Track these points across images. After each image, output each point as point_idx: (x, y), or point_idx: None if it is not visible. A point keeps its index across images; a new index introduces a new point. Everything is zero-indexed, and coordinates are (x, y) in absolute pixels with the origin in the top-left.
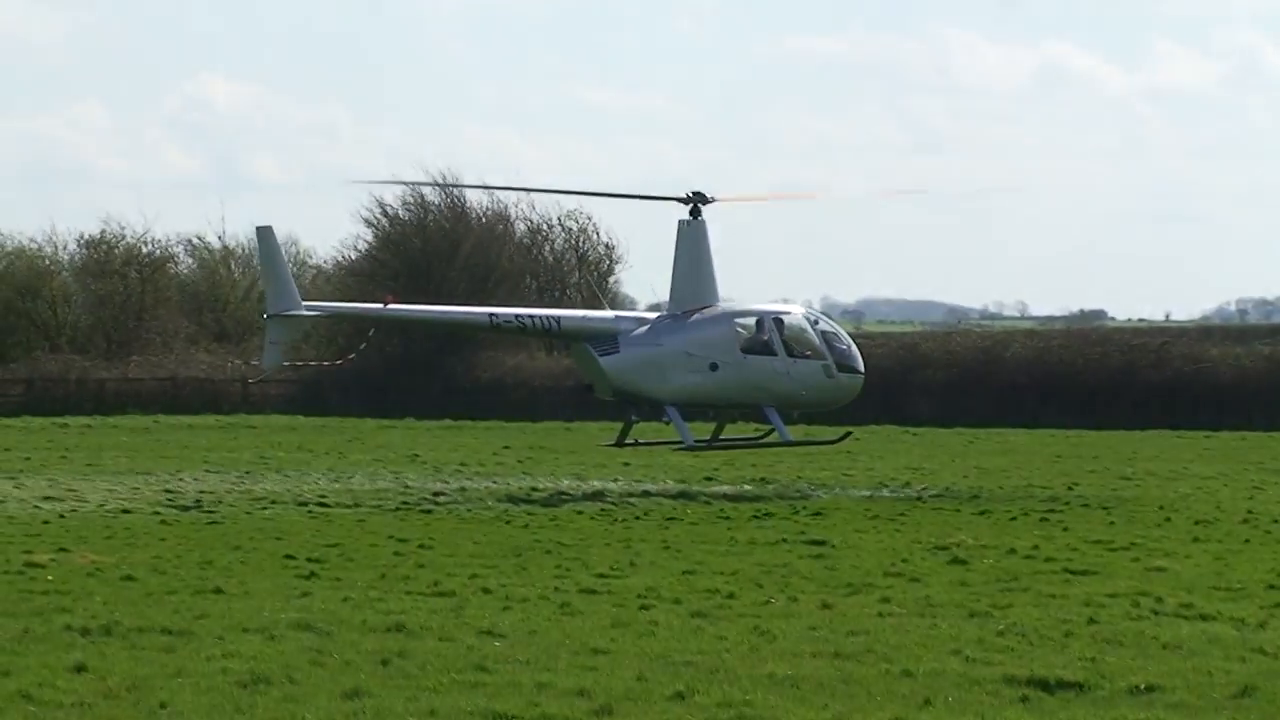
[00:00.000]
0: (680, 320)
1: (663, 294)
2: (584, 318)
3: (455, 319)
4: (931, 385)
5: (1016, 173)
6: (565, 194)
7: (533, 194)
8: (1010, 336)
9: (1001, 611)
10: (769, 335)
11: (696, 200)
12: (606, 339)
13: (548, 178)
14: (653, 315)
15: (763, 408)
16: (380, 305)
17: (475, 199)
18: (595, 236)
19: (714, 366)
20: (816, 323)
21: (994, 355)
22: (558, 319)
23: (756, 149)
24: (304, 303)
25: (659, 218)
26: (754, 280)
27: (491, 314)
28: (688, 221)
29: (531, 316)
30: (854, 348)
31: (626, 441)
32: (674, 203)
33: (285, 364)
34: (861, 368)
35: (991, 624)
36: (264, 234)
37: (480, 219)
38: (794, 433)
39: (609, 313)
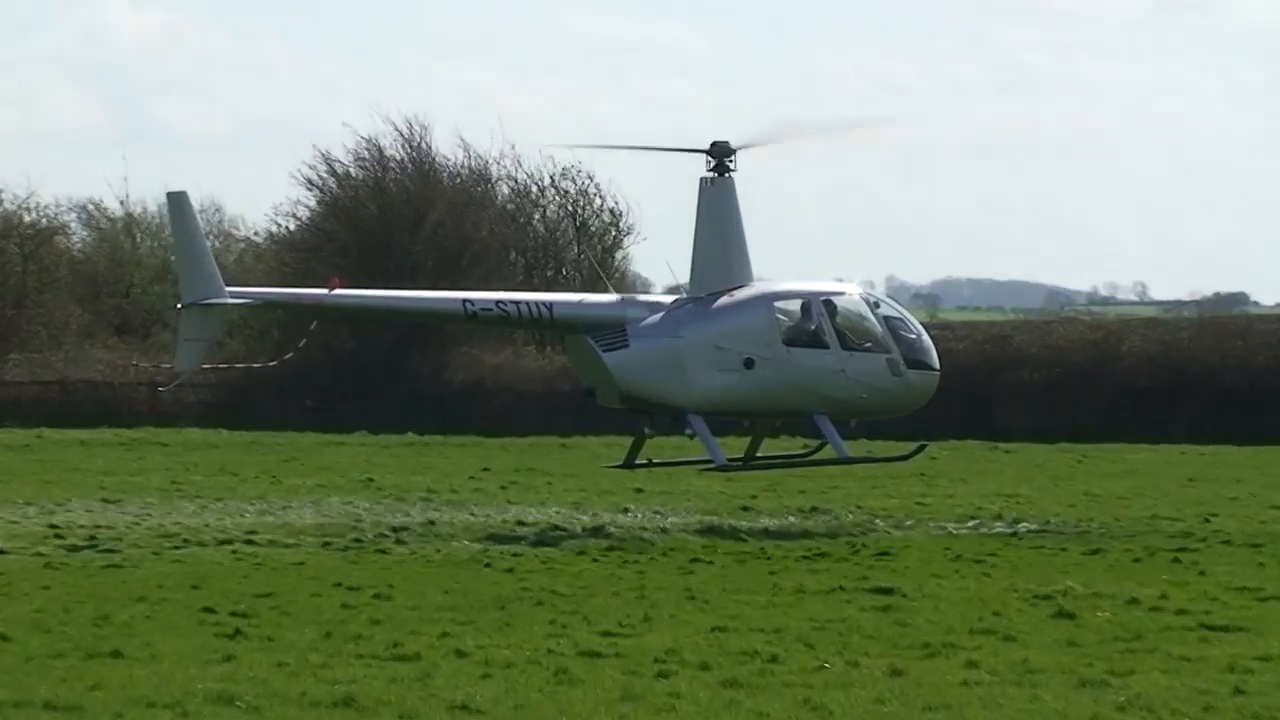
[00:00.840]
0: (705, 305)
1: (683, 274)
2: (582, 303)
3: (420, 307)
4: (1028, 389)
5: (1129, 120)
6: (560, 148)
7: (519, 148)
8: (1127, 326)
9: (1121, 679)
10: (818, 322)
11: (721, 153)
12: (612, 329)
13: (537, 128)
14: (669, 299)
15: (812, 416)
16: (324, 291)
17: (447, 153)
18: (598, 201)
19: (749, 363)
20: (878, 306)
21: (1107, 350)
22: (549, 305)
23: (801, 91)
24: (229, 289)
25: (677, 176)
26: (796, 257)
27: (467, 300)
28: (711, 179)
29: (516, 303)
30: (926, 338)
31: (638, 461)
32: (694, 155)
33: (205, 365)
34: (936, 363)
35: (1109, 695)
36: (177, 201)
37: (454, 179)
38: (852, 448)
39: (614, 297)
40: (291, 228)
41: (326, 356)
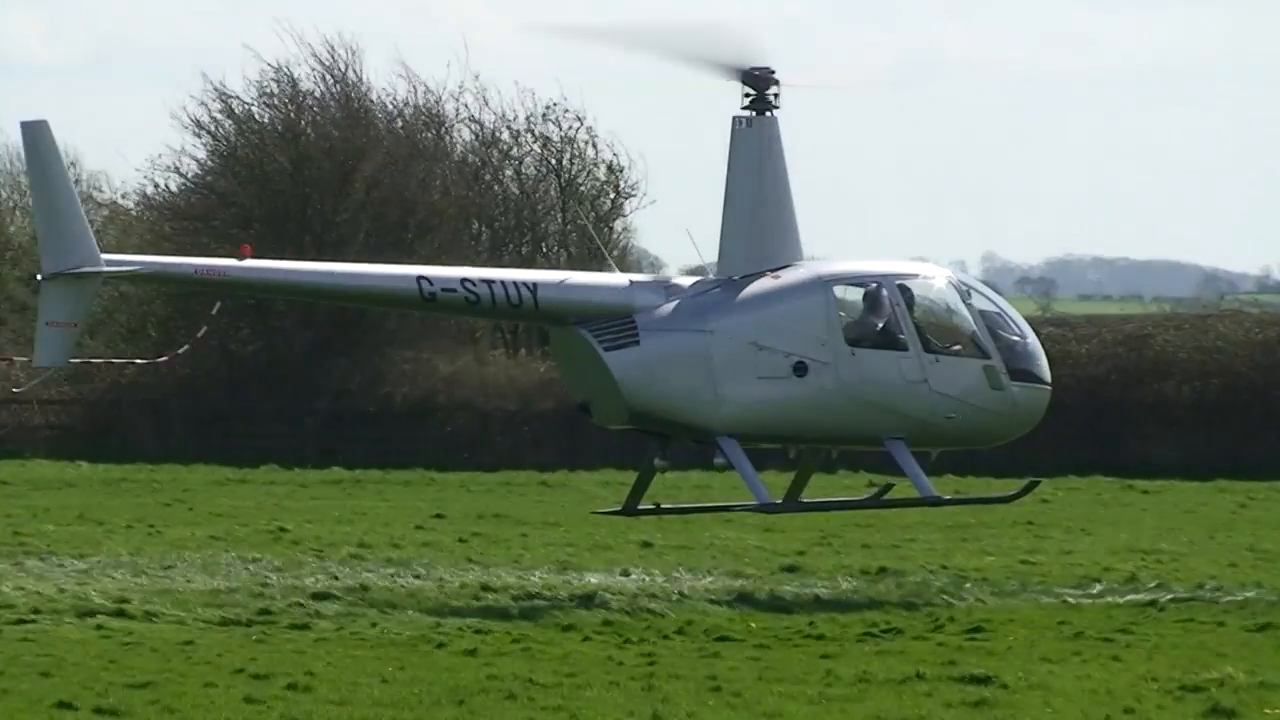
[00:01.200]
0: (739, 289)
1: (709, 249)
2: (577, 285)
3: (361, 285)
4: (1174, 407)
5: None
6: (529, 32)
7: (484, 80)
8: None
9: None
10: (893, 314)
11: (759, 84)
12: (615, 321)
13: (508, 53)
14: (690, 282)
15: (883, 442)
16: (233, 262)
17: (385, 86)
18: (592, 151)
19: (800, 368)
20: (970, 295)
21: None
22: (532, 286)
23: (861, 3)
24: (105, 256)
25: (698, 119)
26: (861, 230)
27: (423, 278)
28: (746, 121)
29: (489, 282)
30: (1033, 339)
31: (643, 506)
32: (722, 87)
33: (74, 361)
34: (1047, 375)
35: None
36: (34, 135)
37: (394, 121)
38: (938, 487)
39: (619, 277)
40: (174, 187)
41: (222, 364)
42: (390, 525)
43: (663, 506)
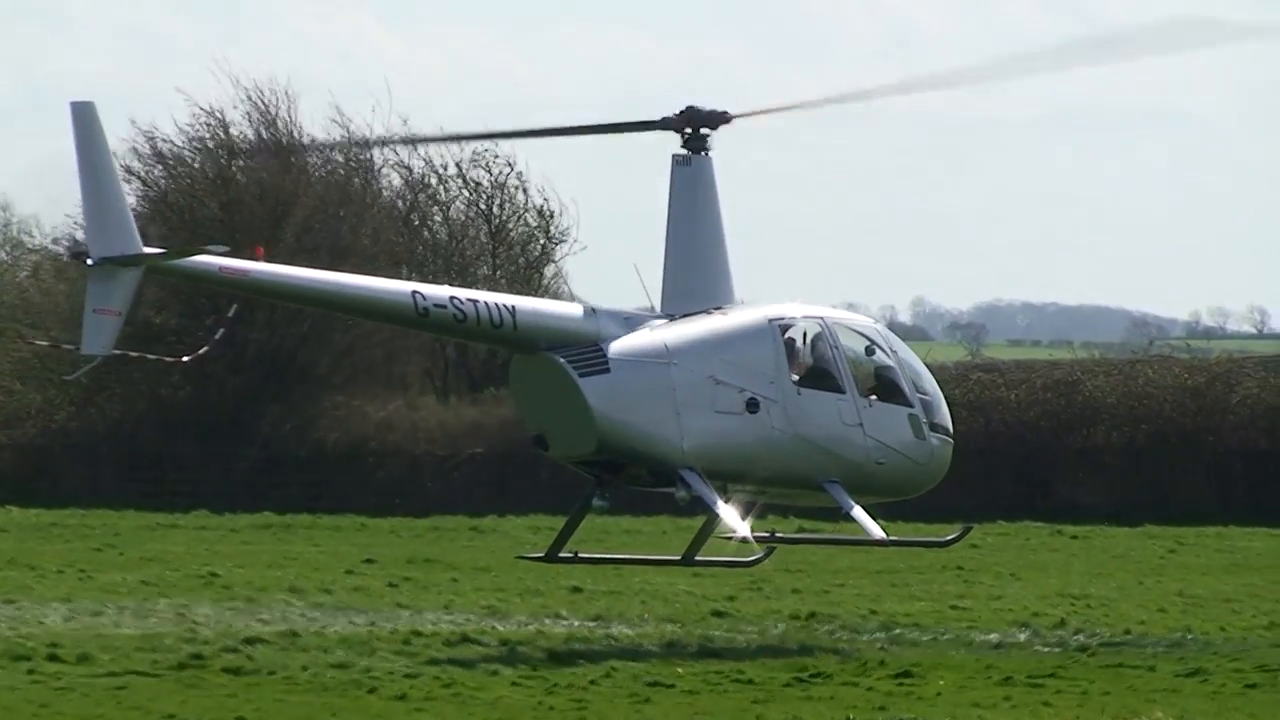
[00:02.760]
0: (694, 324)
1: (654, 287)
2: (548, 311)
3: (364, 296)
4: (1103, 452)
5: (1244, 90)
6: (469, 139)
7: (411, 125)
8: (1238, 367)
9: None
10: (831, 357)
11: (694, 123)
12: (584, 348)
13: (436, 96)
14: (644, 315)
15: (823, 484)
16: (249, 264)
17: (316, 131)
18: (522, 197)
19: (752, 404)
20: (894, 344)
21: (1211, 400)
22: (512, 310)
23: (789, 45)
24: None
25: (628, 161)
26: (793, 275)
27: (417, 293)
28: (684, 160)
29: (474, 302)
30: (940, 394)
31: (562, 554)
32: (657, 130)
33: (116, 352)
34: (951, 428)
35: None
36: (83, 116)
37: (325, 167)
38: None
39: (579, 306)
40: None
41: (153, 410)
42: (321, 570)
43: (580, 555)
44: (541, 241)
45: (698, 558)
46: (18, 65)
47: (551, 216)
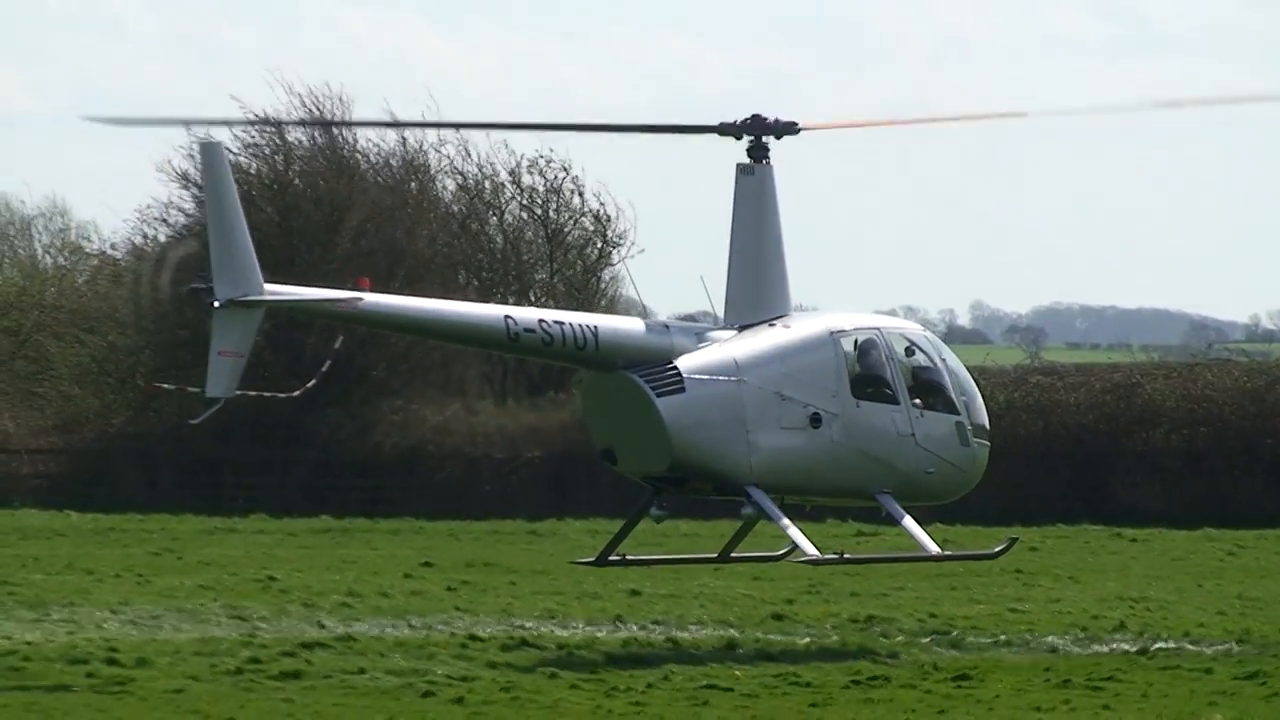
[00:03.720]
0: (758, 338)
1: (719, 296)
2: (627, 329)
3: (462, 322)
4: (1162, 455)
5: None
6: (524, 129)
7: (465, 131)
8: None
9: None
10: (887, 368)
11: (760, 131)
12: (659, 366)
13: (489, 102)
14: (714, 329)
15: (875, 495)
16: (358, 294)
17: (370, 139)
18: (577, 201)
19: (815, 419)
20: (942, 352)
21: (1270, 403)
22: (594, 329)
23: (846, 53)
24: (267, 286)
25: (683, 165)
26: (851, 281)
27: (509, 318)
28: (748, 169)
29: (560, 324)
30: (980, 397)
31: (612, 558)
32: (717, 137)
33: (237, 393)
34: (988, 429)
35: None
36: (211, 157)
37: (380, 172)
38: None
39: (657, 322)
40: (162, 238)
41: (210, 415)
42: (379, 574)
43: (627, 558)
44: (599, 245)
45: (733, 554)
46: (72, 72)
47: (608, 220)
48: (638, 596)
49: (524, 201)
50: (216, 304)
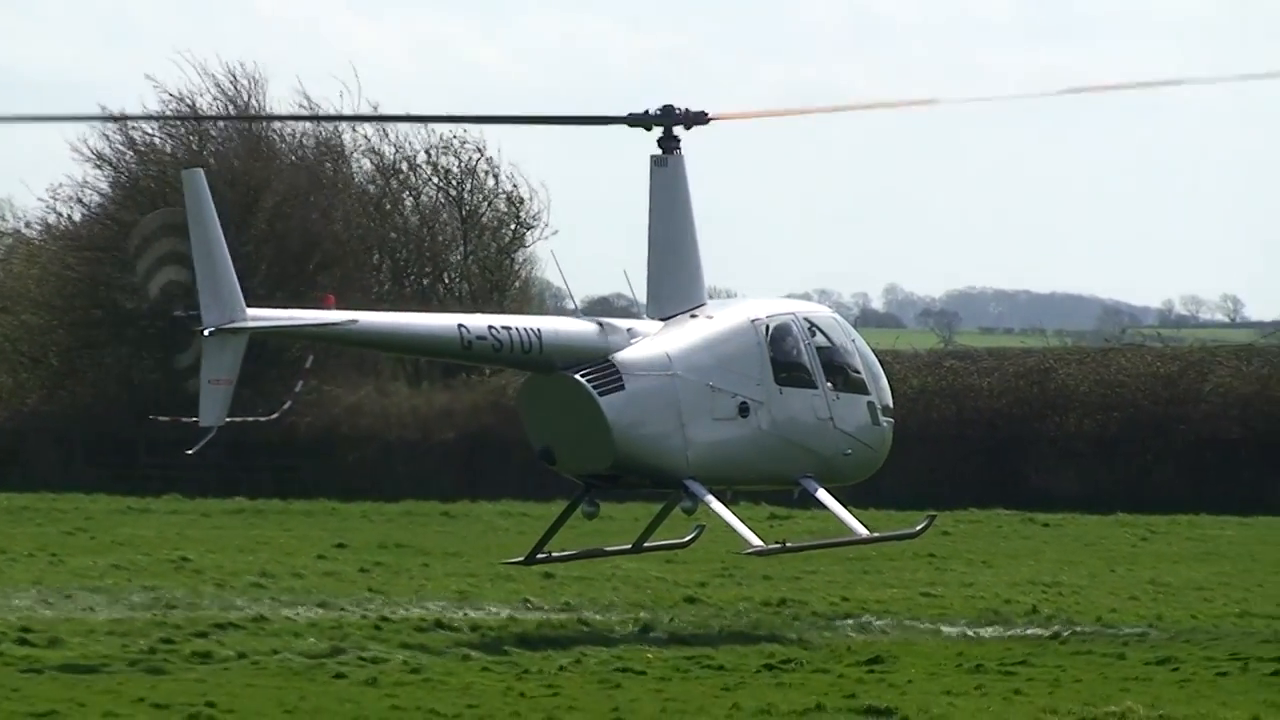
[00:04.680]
0: (683, 330)
1: (639, 284)
2: (566, 330)
3: (419, 334)
4: (1075, 440)
5: (1219, 72)
6: (440, 121)
7: (382, 109)
8: (1211, 356)
9: None
10: (805, 353)
11: (671, 122)
12: (598, 365)
13: (405, 84)
14: (641, 324)
15: (799, 480)
16: (350, 317)
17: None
18: (493, 182)
19: (744, 409)
20: (851, 332)
21: (1183, 388)
22: (538, 332)
23: (753, 35)
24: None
25: (595, 147)
26: (765, 266)
27: (461, 325)
28: (661, 160)
29: (508, 329)
30: (883, 373)
31: (539, 555)
32: (626, 127)
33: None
34: (893, 407)
35: None
36: (194, 184)
37: (295, 153)
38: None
39: (590, 322)
40: (77, 217)
41: (124, 392)
42: (292, 555)
43: (553, 555)
44: (513, 227)
45: (646, 544)
46: None
47: (521, 202)
48: (550, 579)
49: (439, 183)
50: (206, 332)
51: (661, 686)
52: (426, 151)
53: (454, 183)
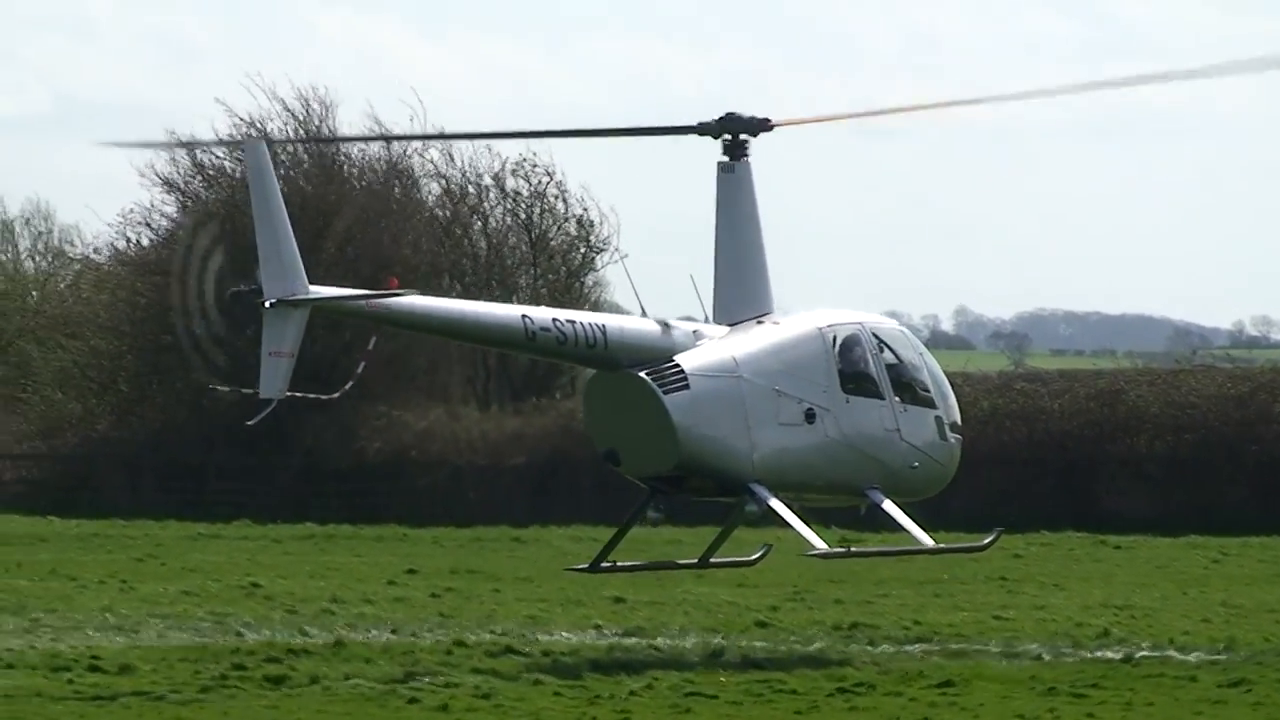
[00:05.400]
0: (750, 335)
1: (707, 295)
2: (631, 328)
3: (483, 322)
4: (1147, 462)
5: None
6: (508, 137)
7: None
8: None
9: None
10: (872, 363)
11: (734, 129)
12: (663, 365)
13: (471, 107)
14: (709, 327)
15: (866, 491)
16: (395, 295)
17: (355, 144)
18: (562, 205)
19: (810, 415)
20: (919, 347)
21: (1255, 409)
22: (603, 328)
23: (821, 56)
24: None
25: (672, 167)
26: (834, 285)
27: (526, 317)
28: (728, 167)
29: (573, 323)
30: (952, 391)
31: (604, 564)
32: (695, 137)
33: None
34: (960, 424)
35: None
36: (256, 155)
37: (365, 177)
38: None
39: (652, 320)
40: (145, 242)
41: (193, 418)
42: (363, 581)
43: (618, 565)
44: (582, 250)
45: (712, 560)
46: (45, 75)
47: (591, 226)
48: (621, 604)
49: (508, 206)
50: (267, 304)
51: (734, 711)
52: (495, 176)
53: (523, 206)
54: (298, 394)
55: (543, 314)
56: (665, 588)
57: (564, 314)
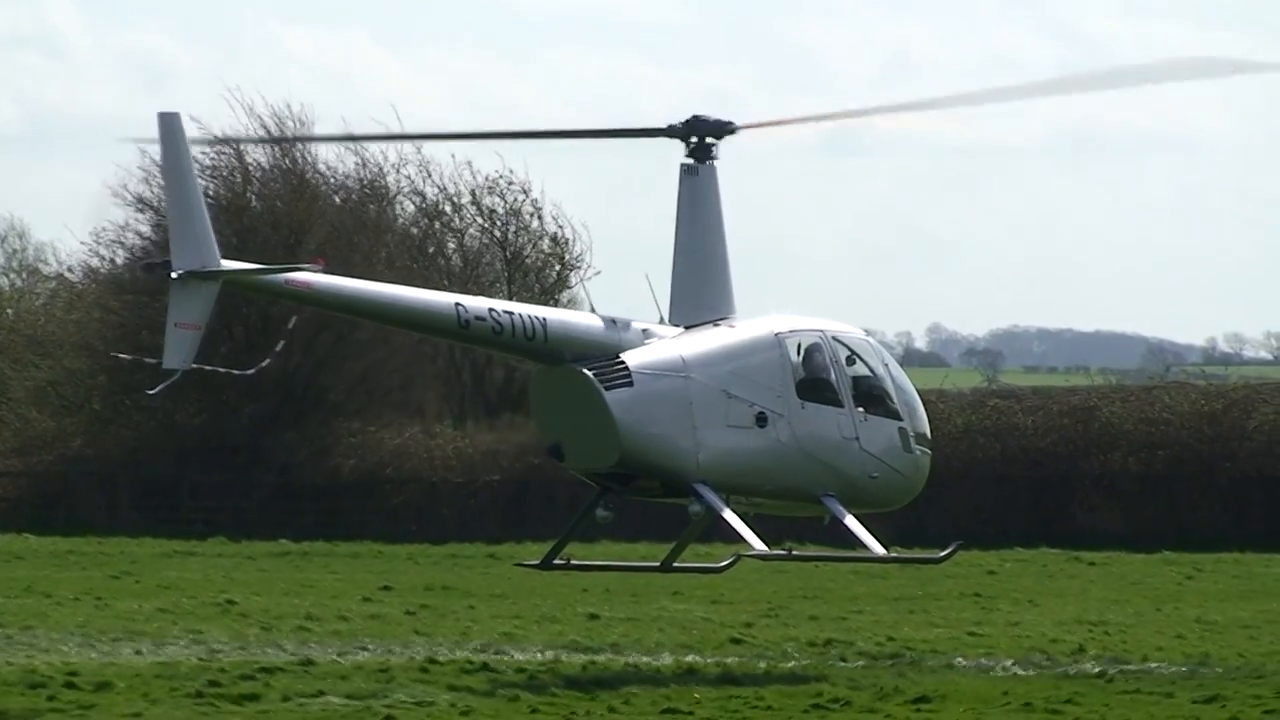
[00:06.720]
0: (704, 337)
1: (664, 298)
2: (575, 322)
3: (409, 307)
4: (1120, 478)
5: (1258, 113)
6: (467, 139)
7: (425, 152)
8: (1255, 393)
9: None
10: (831, 370)
11: (699, 131)
12: (607, 360)
13: (443, 126)
14: (658, 327)
15: (822, 498)
16: (314, 275)
17: (330, 159)
18: (537, 222)
19: (761, 419)
20: (885, 357)
21: (1228, 426)
22: (543, 321)
23: (785, 70)
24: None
25: (634, 189)
26: (807, 302)
27: (459, 304)
28: (691, 169)
29: (510, 314)
30: (921, 404)
31: (557, 561)
32: (662, 139)
33: (193, 366)
34: (930, 438)
35: None
36: (169, 127)
37: (340, 193)
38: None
39: (600, 317)
40: (119, 260)
41: (168, 437)
42: (338, 598)
43: (572, 562)
44: (557, 268)
45: (675, 564)
46: (19, 94)
47: (566, 243)
48: (596, 620)
49: (484, 224)
50: (174, 275)
51: None
52: (472, 192)
53: (499, 224)
54: (207, 367)
55: (478, 302)
56: (640, 604)
57: (502, 304)
